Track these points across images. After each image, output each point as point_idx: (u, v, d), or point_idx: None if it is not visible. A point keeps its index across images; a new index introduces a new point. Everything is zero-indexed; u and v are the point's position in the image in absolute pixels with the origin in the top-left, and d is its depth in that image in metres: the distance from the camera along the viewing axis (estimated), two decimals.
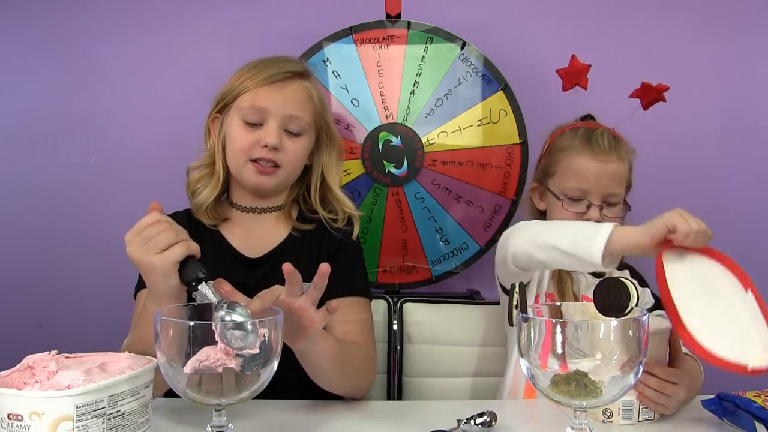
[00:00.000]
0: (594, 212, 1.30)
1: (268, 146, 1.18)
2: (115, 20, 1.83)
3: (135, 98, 1.84)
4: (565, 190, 1.32)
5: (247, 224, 1.27)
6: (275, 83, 1.21)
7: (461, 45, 1.73)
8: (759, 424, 0.94)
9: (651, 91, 1.37)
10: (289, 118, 1.21)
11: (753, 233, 1.83)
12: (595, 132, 1.34)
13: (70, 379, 0.76)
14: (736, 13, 1.83)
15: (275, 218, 1.28)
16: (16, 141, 1.85)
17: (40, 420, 0.72)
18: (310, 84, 1.27)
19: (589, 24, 1.82)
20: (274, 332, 0.80)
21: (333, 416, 1.07)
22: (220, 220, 1.26)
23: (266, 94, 1.21)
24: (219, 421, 0.80)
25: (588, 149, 1.31)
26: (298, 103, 1.22)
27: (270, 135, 1.18)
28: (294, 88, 1.23)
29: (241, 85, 1.22)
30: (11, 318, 1.84)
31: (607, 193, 1.30)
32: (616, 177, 1.31)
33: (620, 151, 1.32)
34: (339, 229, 1.26)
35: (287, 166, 1.22)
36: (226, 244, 1.24)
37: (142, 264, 0.91)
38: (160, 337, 0.78)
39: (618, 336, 0.77)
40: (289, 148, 1.21)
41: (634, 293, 0.86)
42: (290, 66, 1.25)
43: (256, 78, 1.21)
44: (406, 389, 1.53)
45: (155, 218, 0.92)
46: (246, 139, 1.20)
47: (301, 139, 1.23)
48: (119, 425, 0.79)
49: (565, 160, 1.34)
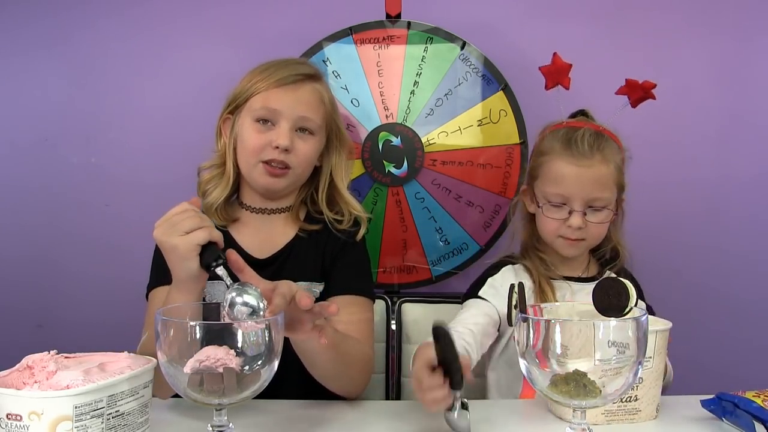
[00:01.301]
0: (576, 218, 1.25)
1: (279, 148, 1.19)
2: (116, 20, 1.83)
3: (135, 98, 1.84)
4: (547, 195, 1.28)
5: (256, 225, 1.28)
6: (287, 85, 1.23)
7: (461, 45, 1.73)
8: (758, 423, 0.94)
9: (636, 88, 1.32)
10: (301, 120, 1.22)
11: (753, 233, 1.83)
12: (576, 133, 1.27)
13: (69, 379, 0.76)
14: (736, 12, 1.83)
15: (284, 219, 1.29)
16: (16, 141, 1.85)
17: (39, 420, 0.73)
18: (322, 86, 1.28)
19: (589, 24, 1.82)
20: (275, 333, 0.80)
21: (333, 416, 1.07)
22: (229, 221, 1.28)
23: (278, 95, 1.22)
24: (220, 420, 0.80)
25: (567, 153, 1.25)
26: (309, 105, 1.24)
27: (282, 136, 1.20)
28: (306, 91, 1.24)
29: (253, 86, 1.24)
30: (11, 318, 1.84)
31: (589, 198, 1.24)
32: (599, 181, 1.24)
33: (604, 153, 1.25)
34: (344, 230, 1.27)
35: (297, 167, 1.23)
36: (235, 245, 1.25)
37: (166, 245, 0.93)
38: (161, 337, 0.78)
39: (617, 336, 0.77)
40: (300, 150, 1.22)
41: (633, 293, 0.86)
42: (302, 68, 1.26)
43: (269, 80, 1.23)
44: (405, 389, 1.53)
45: (184, 207, 0.95)
46: (257, 141, 1.21)
47: (312, 141, 1.24)
48: (118, 425, 0.79)
49: (546, 164, 1.29)
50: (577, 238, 1.28)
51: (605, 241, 1.36)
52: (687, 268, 1.81)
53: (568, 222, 1.26)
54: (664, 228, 1.73)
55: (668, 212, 1.80)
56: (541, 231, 1.32)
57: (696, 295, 1.81)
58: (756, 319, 1.83)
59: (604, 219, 1.28)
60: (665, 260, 1.77)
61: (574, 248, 1.30)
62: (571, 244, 1.29)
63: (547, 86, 1.37)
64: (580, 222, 1.25)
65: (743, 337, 1.82)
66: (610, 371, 0.77)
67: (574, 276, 1.35)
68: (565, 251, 1.30)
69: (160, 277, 1.17)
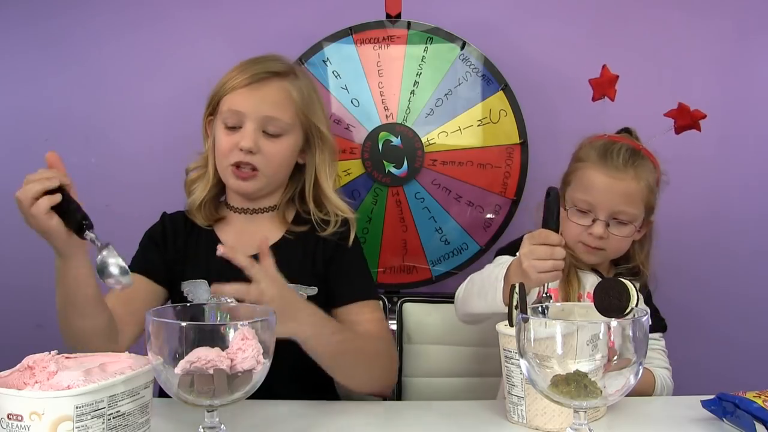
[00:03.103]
0: (598, 227, 1.26)
1: (243, 150, 1.18)
2: (115, 20, 1.83)
3: (135, 98, 1.84)
4: (575, 200, 1.30)
5: (241, 225, 1.27)
6: (252, 84, 1.21)
7: (461, 45, 1.73)
8: (759, 424, 0.93)
9: (686, 115, 1.33)
10: (267, 120, 1.20)
11: (753, 233, 1.83)
12: (613, 146, 1.30)
13: (70, 380, 0.75)
14: (739, 13, 1.83)
15: (269, 219, 1.28)
16: (16, 141, 1.85)
17: (40, 420, 0.72)
18: (291, 84, 1.24)
19: (589, 24, 1.82)
20: (267, 333, 0.80)
21: (329, 416, 1.06)
22: (214, 221, 1.27)
23: (243, 96, 1.20)
24: (211, 422, 0.80)
25: (601, 163, 1.28)
26: (275, 104, 1.21)
27: (245, 138, 1.18)
28: (271, 89, 1.21)
29: (222, 88, 1.23)
30: (11, 318, 1.84)
31: (615, 210, 1.26)
32: (628, 195, 1.26)
33: (638, 169, 1.28)
34: (335, 232, 1.25)
35: (267, 168, 1.21)
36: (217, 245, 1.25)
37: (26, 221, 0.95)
38: (152, 338, 0.78)
39: (618, 336, 0.77)
40: (268, 151, 1.20)
41: (634, 294, 0.86)
42: (269, 66, 1.23)
43: (235, 80, 1.21)
44: (406, 389, 1.53)
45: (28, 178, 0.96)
46: (225, 144, 1.20)
47: (281, 141, 1.22)
48: (119, 425, 0.79)
49: (580, 170, 1.31)
50: (596, 246, 1.28)
51: (627, 258, 1.37)
52: (687, 268, 1.81)
53: (590, 230, 1.27)
54: (663, 228, 1.73)
55: (668, 212, 1.79)
56: (564, 234, 1.33)
57: (696, 295, 1.82)
58: (757, 319, 1.83)
59: (627, 234, 1.29)
60: (667, 260, 1.76)
61: (593, 256, 1.30)
62: (590, 251, 1.30)
63: (594, 98, 1.37)
64: (602, 232, 1.26)
65: (744, 337, 1.82)
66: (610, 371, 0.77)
67: (600, 272, 1.35)
68: (585, 257, 1.31)
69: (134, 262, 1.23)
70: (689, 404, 1.08)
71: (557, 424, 0.97)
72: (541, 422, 0.98)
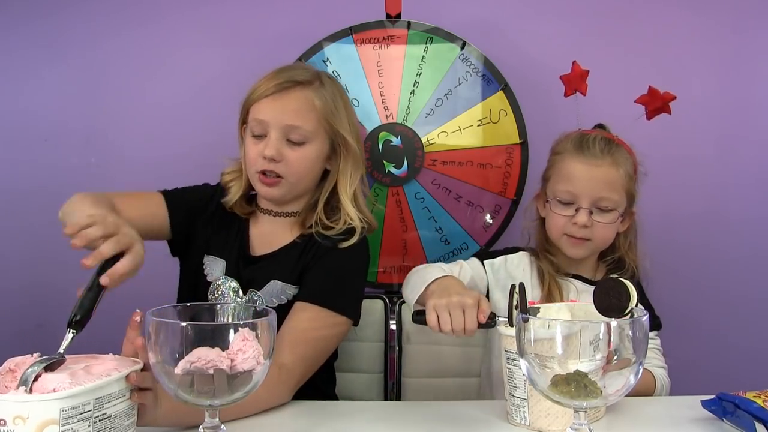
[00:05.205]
0: (582, 216, 1.28)
1: (266, 158, 1.22)
2: (116, 21, 1.83)
3: (135, 99, 1.84)
4: (556, 193, 1.31)
5: (264, 224, 1.32)
6: (275, 94, 1.24)
7: (461, 45, 1.73)
8: (759, 424, 0.94)
9: (657, 98, 1.34)
10: (289, 128, 1.23)
11: (753, 233, 1.83)
12: (588, 137, 1.33)
13: (56, 382, 0.74)
14: (737, 11, 1.83)
15: (289, 223, 1.31)
16: (16, 141, 1.85)
17: (24, 424, 0.71)
18: (314, 92, 1.25)
19: (589, 24, 1.82)
20: (267, 333, 0.80)
21: (329, 416, 1.06)
22: (249, 213, 1.33)
23: (266, 106, 1.24)
24: (212, 422, 0.80)
25: (578, 152, 1.30)
26: (297, 113, 1.23)
27: (268, 147, 1.22)
28: (292, 98, 1.24)
29: (250, 97, 1.27)
30: (12, 318, 1.84)
31: (596, 197, 1.28)
32: (608, 182, 1.28)
33: (615, 156, 1.30)
34: (331, 237, 1.25)
35: (291, 176, 1.24)
36: (244, 237, 1.31)
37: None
38: (152, 339, 0.77)
39: (617, 336, 0.77)
40: (291, 158, 1.23)
41: (634, 294, 0.86)
42: (294, 75, 1.26)
43: (261, 90, 1.25)
44: (405, 389, 1.53)
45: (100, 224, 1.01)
46: (252, 152, 1.25)
47: (305, 148, 1.24)
48: (105, 428, 0.78)
49: (558, 163, 1.34)
50: (582, 237, 1.29)
51: (613, 249, 1.37)
52: (687, 268, 1.81)
53: (574, 219, 1.28)
54: (663, 228, 1.73)
55: (668, 212, 1.80)
56: (548, 229, 1.35)
57: (696, 295, 1.82)
58: (757, 319, 1.83)
59: (611, 221, 1.30)
60: (665, 260, 1.76)
61: (579, 248, 1.31)
62: (575, 243, 1.30)
63: (567, 93, 1.39)
64: (586, 220, 1.27)
65: (744, 337, 1.82)
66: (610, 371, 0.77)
67: (584, 276, 1.36)
68: (570, 251, 1.31)
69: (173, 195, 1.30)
70: (689, 404, 1.08)
71: (561, 425, 0.97)
72: (545, 424, 0.98)
